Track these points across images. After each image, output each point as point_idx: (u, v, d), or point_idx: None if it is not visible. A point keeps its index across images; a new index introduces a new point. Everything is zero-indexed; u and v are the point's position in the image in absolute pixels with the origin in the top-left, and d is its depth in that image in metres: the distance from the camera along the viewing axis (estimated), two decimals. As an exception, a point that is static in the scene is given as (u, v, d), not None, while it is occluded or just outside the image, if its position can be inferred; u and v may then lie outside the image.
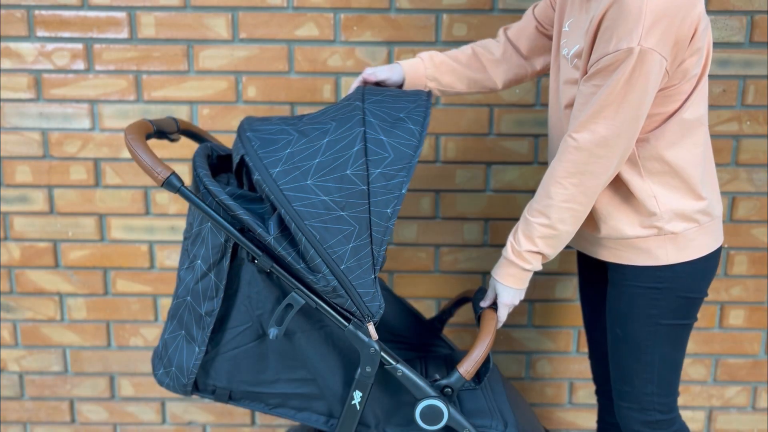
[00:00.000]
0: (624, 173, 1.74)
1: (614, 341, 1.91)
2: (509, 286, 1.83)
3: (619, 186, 1.77)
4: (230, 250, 1.67)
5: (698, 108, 1.73)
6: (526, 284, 1.84)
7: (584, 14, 1.73)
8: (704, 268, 1.84)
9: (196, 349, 1.76)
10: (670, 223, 1.77)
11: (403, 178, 1.62)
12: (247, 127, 1.72)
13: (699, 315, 1.93)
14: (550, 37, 2.00)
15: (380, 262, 1.63)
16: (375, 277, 1.63)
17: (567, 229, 1.73)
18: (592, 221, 1.83)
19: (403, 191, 1.62)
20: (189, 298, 1.75)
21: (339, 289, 1.61)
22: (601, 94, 1.60)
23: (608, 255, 1.86)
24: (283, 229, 1.59)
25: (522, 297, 1.86)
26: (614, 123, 1.61)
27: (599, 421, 2.27)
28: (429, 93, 1.77)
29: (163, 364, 1.82)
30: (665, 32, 1.54)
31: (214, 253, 1.68)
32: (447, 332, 2.59)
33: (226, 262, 1.68)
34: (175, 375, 1.79)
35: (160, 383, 1.84)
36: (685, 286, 1.82)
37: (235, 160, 1.71)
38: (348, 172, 1.59)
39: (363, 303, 1.64)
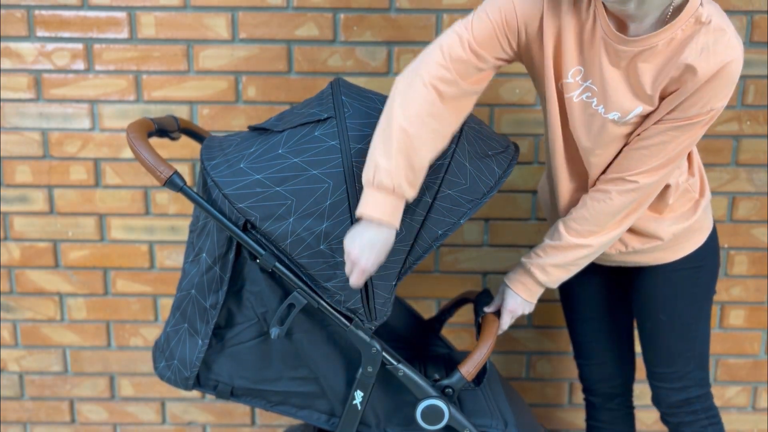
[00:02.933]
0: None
1: (656, 327, 1.94)
2: (518, 294, 1.83)
3: (665, 195, 1.81)
4: (235, 244, 1.66)
5: None
6: (535, 298, 1.84)
7: (619, 69, 1.62)
8: (716, 238, 1.95)
9: (199, 342, 1.76)
10: (705, 193, 1.87)
11: (467, 210, 1.64)
12: (344, 90, 1.70)
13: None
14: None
15: (406, 273, 1.64)
16: (395, 285, 1.64)
17: (600, 251, 1.78)
18: (648, 237, 1.85)
19: (461, 221, 1.63)
20: (194, 291, 1.74)
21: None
22: (681, 146, 1.64)
23: (666, 256, 1.88)
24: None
25: (528, 310, 1.86)
26: (677, 163, 1.68)
27: (590, 419, 2.25)
28: (517, 147, 1.77)
29: (165, 357, 1.82)
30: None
31: (219, 246, 1.68)
32: (446, 332, 2.59)
33: (231, 255, 1.67)
34: (177, 368, 1.79)
35: (161, 377, 1.84)
36: (715, 260, 1.93)
37: (322, 115, 1.65)
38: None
39: (374, 304, 1.64)
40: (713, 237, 1.93)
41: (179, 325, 1.79)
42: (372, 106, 1.67)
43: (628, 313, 2.08)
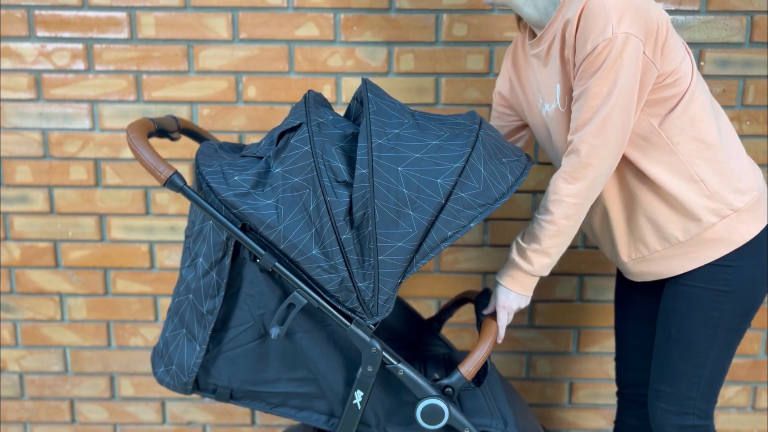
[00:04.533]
0: (663, 170, 1.76)
1: (665, 340, 1.88)
2: (509, 289, 1.82)
3: (664, 193, 1.78)
4: (231, 249, 1.67)
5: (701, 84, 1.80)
6: (528, 291, 1.82)
7: (545, 66, 1.82)
8: (763, 268, 1.84)
9: (197, 347, 1.76)
10: (726, 200, 1.78)
11: (478, 213, 1.64)
12: (371, 88, 1.72)
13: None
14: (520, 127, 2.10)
15: (412, 272, 1.65)
16: (399, 283, 1.64)
17: (570, 224, 1.74)
18: (652, 238, 1.83)
19: (471, 225, 1.64)
20: (191, 296, 1.75)
21: (347, 281, 1.62)
22: (590, 88, 1.65)
23: (682, 265, 1.83)
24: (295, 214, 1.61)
25: (524, 304, 1.84)
26: (604, 112, 1.65)
27: (617, 422, 2.25)
28: (530, 157, 1.80)
29: (164, 363, 1.82)
30: (634, 20, 1.61)
31: (215, 251, 1.69)
32: (446, 332, 2.59)
33: (228, 261, 1.68)
34: (176, 373, 1.79)
35: (160, 382, 1.84)
36: (751, 290, 1.82)
37: (294, 123, 1.71)
38: (438, 180, 1.60)
39: (377, 300, 1.64)
40: (757, 265, 1.81)
41: (177, 330, 1.80)
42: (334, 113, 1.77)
43: None
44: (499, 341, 1.85)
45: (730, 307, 1.81)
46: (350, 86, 2.42)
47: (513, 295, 1.82)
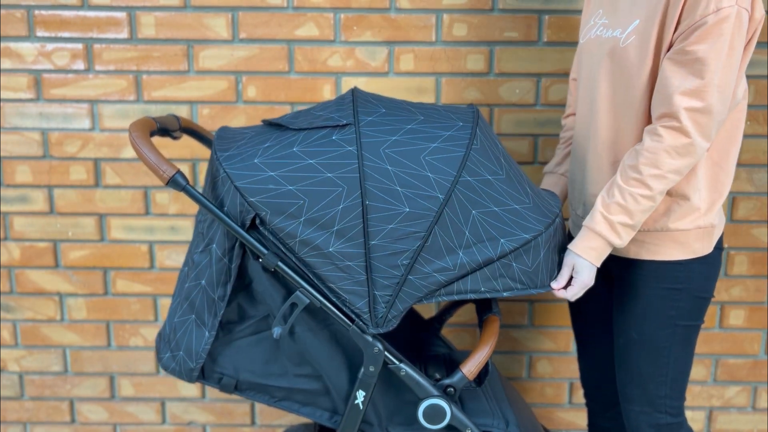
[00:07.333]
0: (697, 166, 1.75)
1: (627, 344, 1.89)
2: (591, 263, 1.73)
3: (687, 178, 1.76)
4: None
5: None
6: (600, 263, 1.75)
7: None
8: (714, 266, 1.85)
9: (206, 333, 1.76)
10: (710, 215, 1.80)
11: (515, 288, 1.69)
12: (481, 122, 1.71)
13: (698, 314, 1.94)
14: None
15: (429, 301, 1.66)
16: (413, 303, 1.65)
17: (659, 202, 1.70)
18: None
19: (504, 294, 1.67)
20: (203, 282, 1.74)
21: (362, 285, 1.62)
22: (706, 59, 1.57)
23: (641, 252, 1.83)
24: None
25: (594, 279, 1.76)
26: (716, 89, 1.59)
27: (590, 425, 2.26)
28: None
29: (170, 348, 1.81)
30: None
31: (229, 239, 1.68)
32: (447, 332, 2.59)
33: (239, 248, 1.68)
34: (183, 359, 1.79)
35: (166, 368, 1.83)
36: (700, 285, 1.83)
37: (341, 121, 1.66)
38: (502, 240, 1.65)
39: (388, 311, 1.65)
40: (706, 263, 1.83)
41: (186, 316, 1.79)
42: (392, 113, 1.69)
43: None
44: (572, 298, 1.76)
45: (684, 304, 1.83)
46: (350, 86, 2.42)
47: (593, 269, 1.74)
